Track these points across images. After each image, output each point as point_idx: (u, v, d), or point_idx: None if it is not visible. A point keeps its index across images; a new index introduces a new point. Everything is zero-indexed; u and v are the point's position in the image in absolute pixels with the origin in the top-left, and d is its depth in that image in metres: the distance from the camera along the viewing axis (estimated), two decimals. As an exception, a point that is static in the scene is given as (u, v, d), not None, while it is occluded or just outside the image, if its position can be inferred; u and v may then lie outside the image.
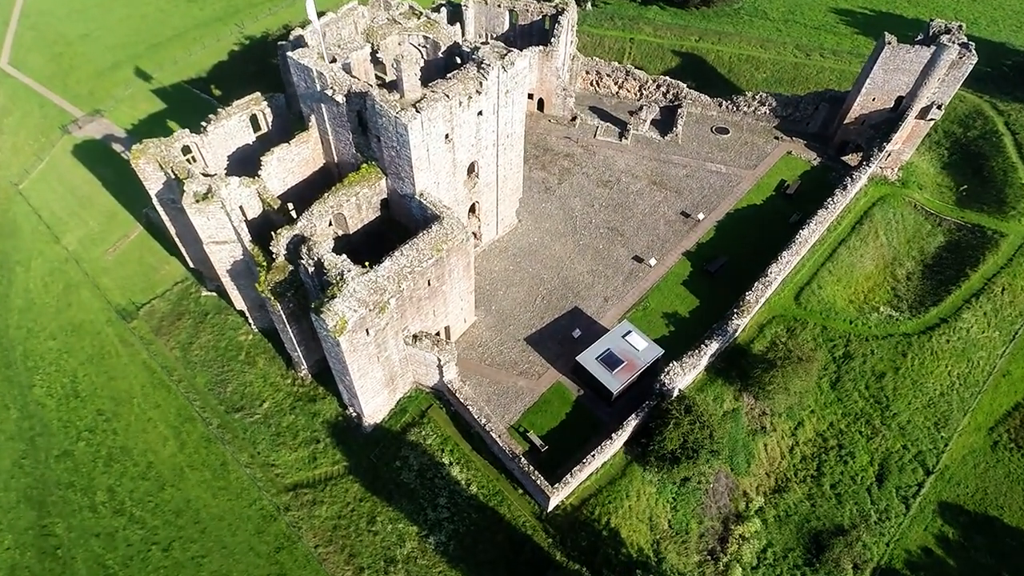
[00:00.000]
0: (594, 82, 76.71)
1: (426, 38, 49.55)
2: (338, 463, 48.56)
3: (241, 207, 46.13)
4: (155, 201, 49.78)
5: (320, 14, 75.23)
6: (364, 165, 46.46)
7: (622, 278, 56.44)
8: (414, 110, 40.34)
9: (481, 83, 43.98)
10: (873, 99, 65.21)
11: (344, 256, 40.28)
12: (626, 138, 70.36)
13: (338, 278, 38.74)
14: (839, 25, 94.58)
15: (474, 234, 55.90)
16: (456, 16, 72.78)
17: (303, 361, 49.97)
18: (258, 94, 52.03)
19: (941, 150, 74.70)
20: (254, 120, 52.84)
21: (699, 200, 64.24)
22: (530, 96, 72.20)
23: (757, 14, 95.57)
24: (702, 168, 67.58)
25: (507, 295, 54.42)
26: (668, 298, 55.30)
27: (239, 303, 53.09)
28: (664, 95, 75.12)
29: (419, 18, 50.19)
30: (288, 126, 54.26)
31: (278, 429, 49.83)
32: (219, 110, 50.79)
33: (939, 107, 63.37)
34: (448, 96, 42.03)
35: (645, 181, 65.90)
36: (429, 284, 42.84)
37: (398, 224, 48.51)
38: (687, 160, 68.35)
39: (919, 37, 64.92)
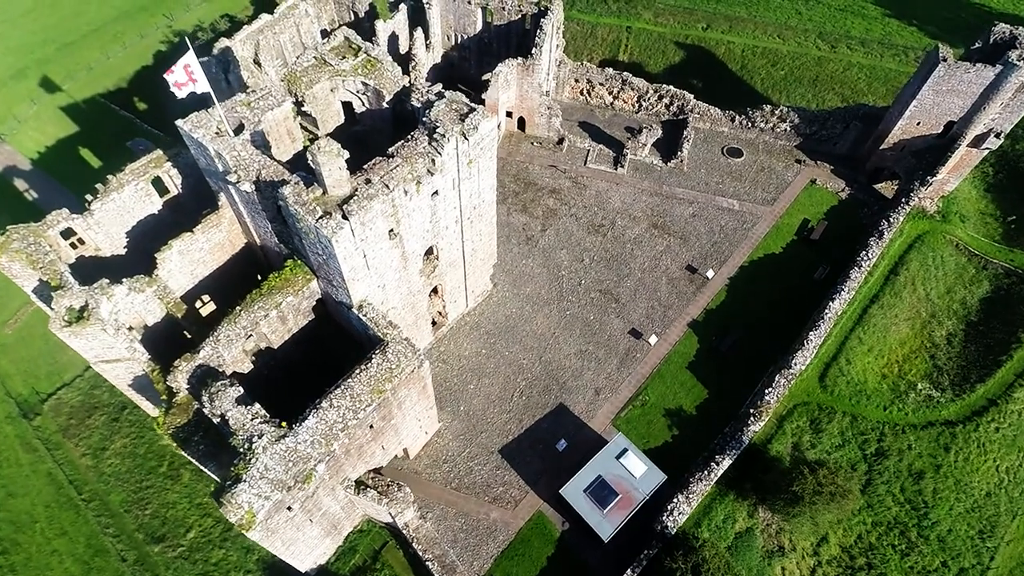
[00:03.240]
0: (585, 91, 65.13)
1: (365, 84, 38.42)
2: (278, 610, 40.88)
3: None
4: (33, 297, 39.79)
5: (250, 19, 62.38)
6: (289, 261, 36.41)
7: (616, 361, 47.35)
8: (340, 215, 30.14)
9: (434, 160, 33.52)
10: (918, 123, 54.49)
11: (255, 410, 30.97)
12: (622, 165, 59.65)
13: (245, 447, 29.63)
14: (866, 4, 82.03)
15: (434, 321, 46.36)
16: (418, 16, 60.55)
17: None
18: (159, 152, 41.14)
19: (984, 166, 64.35)
20: (158, 183, 42.21)
21: (708, 249, 54.37)
22: (509, 114, 60.95)
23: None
24: (711, 205, 57.31)
25: (479, 390, 45.39)
26: (671, 388, 46.42)
27: (153, 410, 44.00)
28: (667, 107, 63.83)
29: (356, 55, 38.82)
30: (204, 186, 43.64)
31: (205, 567, 41.70)
32: (109, 178, 40.08)
33: (998, 135, 52.88)
34: (389, 187, 31.70)
35: (644, 224, 55.75)
36: (372, 427, 33.76)
37: (340, 327, 38.94)
38: (694, 194, 57.97)
39: (976, 45, 53.63)
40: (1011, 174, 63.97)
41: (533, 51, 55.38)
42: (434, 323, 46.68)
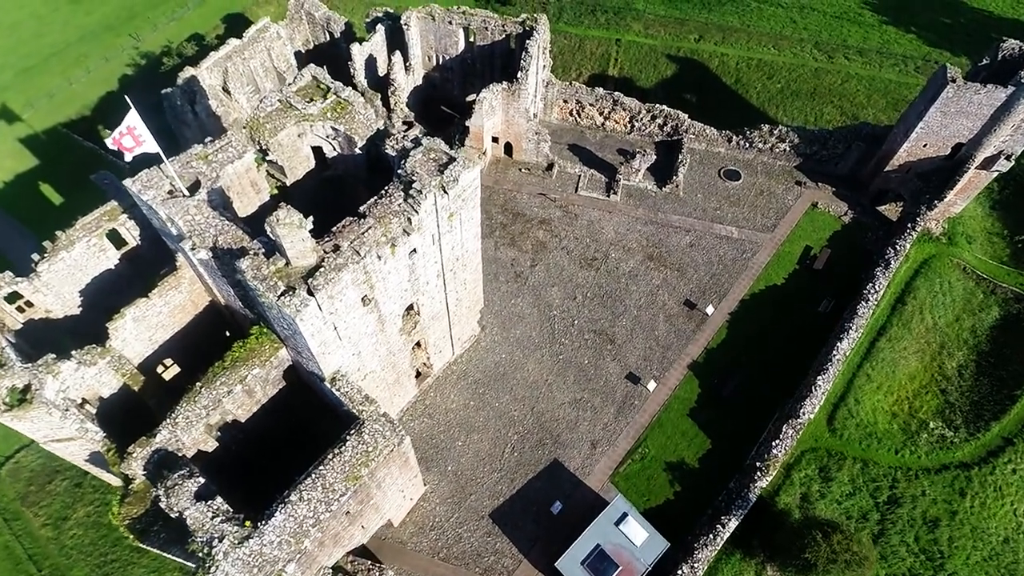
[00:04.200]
0: (574, 111, 62.08)
1: (335, 129, 35.23)
2: None
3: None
4: None
5: (219, 41, 58.16)
6: (255, 328, 33.30)
7: (613, 409, 44.58)
8: (305, 290, 27.08)
9: (411, 219, 30.48)
10: (925, 145, 51.86)
11: (217, 505, 27.93)
12: (615, 191, 56.73)
13: (204, 551, 26.62)
14: (863, 11, 79.35)
15: (418, 372, 43.38)
16: (397, 37, 57.31)
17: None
18: (114, 204, 37.80)
19: (990, 183, 61.88)
20: (115, 235, 38.92)
21: (706, 281, 51.61)
22: (495, 140, 57.89)
23: (768, 0, 79.64)
24: (709, 233, 54.52)
25: (467, 446, 42.48)
26: (671, 439, 43.70)
27: (115, 480, 40.78)
28: (660, 128, 60.90)
29: (325, 97, 35.60)
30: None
31: (176, 650, 38.79)
32: (58, 234, 36.76)
33: (1008, 157, 50.33)
34: (360, 253, 28.65)
35: (640, 256, 52.89)
36: (349, 513, 30.81)
37: (314, 392, 35.88)
38: (690, 221, 55.15)
39: (984, 62, 50.98)
40: (1018, 190, 61.63)
41: (519, 75, 52.26)
42: (418, 374, 43.74)
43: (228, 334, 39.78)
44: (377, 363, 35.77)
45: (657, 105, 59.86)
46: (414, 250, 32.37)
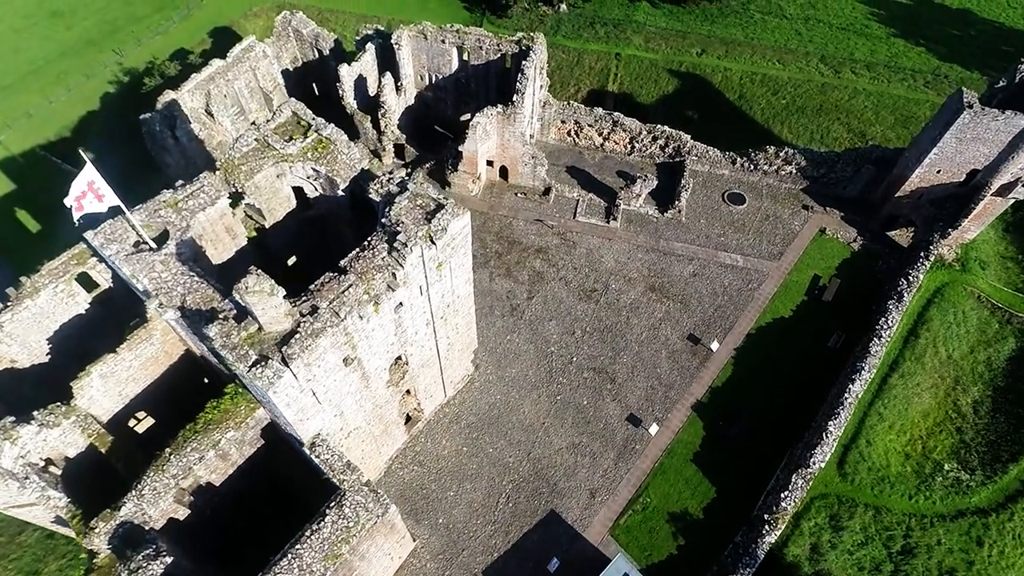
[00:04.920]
0: (572, 132, 59.80)
1: (316, 171, 32.96)
2: None
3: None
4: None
5: (203, 61, 55.42)
6: (230, 387, 31.09)
7: (613, 454, 42.43)
8: (279, 360, 24.88)
9: (396, 274, 28.27)
10: (938, 171, 49.66)
11: (185, 591, 25.80)
12: (615, 217, 54.50)
13: (171, 646, 24.50)
14: (871, 23, 77.17)
15: (409, 416, 41.21)
16: (388, 55, 55.00)
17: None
18: (82, 247, 35.51)
19: (1004, 205, 59.73)
20: (86, 278, 36.67)
21: (711, 314, 49.44)
22: (490, 163, 55.65)
23: (771, 11, 77.62)
24: (713, 261, 52.33)
25: (460, 496, 40.31)
26: (674, 487, 41.55)
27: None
28: (662, 149, 58.64)
29: (306, 135, 33.32)
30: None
31: None
32: (22, 280, 34.52)
33: (1026, 185, 48.19)
34: (340, 315, 26.44)
35: (641, 286, 50.70)
36: (330, 589, 28.65)
37: (294, 451, 33.67)
38: (694, 249, 52.95)
39: (1000, 84, 48.78)
40: (1031, 211, 59.54)
41: (514, 98, 49.98)
42: (409, 419, 41.57)
43: (207, 380, 37.65)
44: (362, 419, 33.60)
45: (658, 126, 57.56)
46: (400, 304, 30.19)
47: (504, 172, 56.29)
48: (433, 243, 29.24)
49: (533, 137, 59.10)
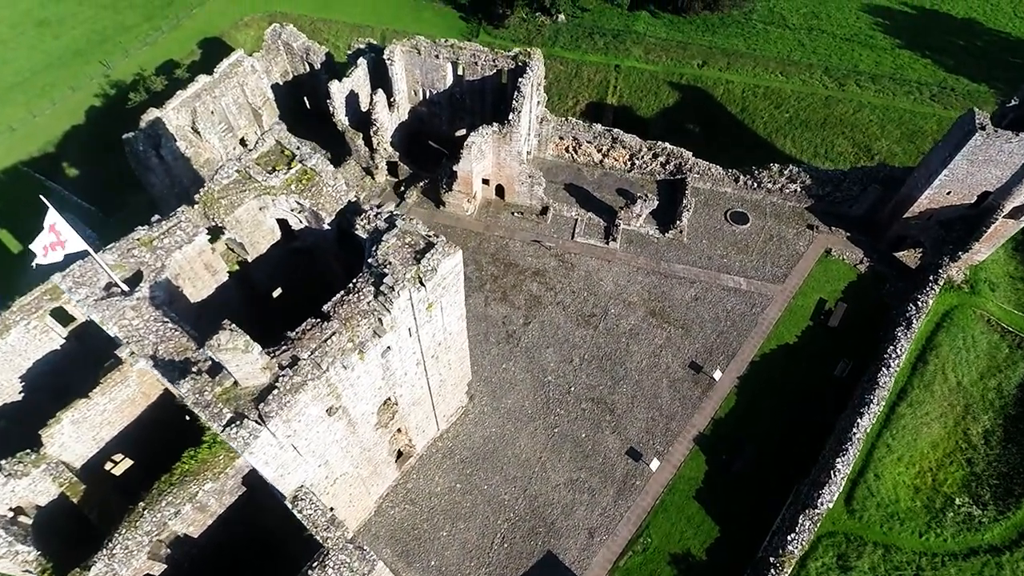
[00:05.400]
0: (571, 148, 58.17)
1: (300, 204, 31.33)
2: None
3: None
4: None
5: (188, 78, 53.27)
6: (208, 434, 29.43)
7: (613, 491, 40.85)
8: (256, 417, 23.26)
9: (382, 320, 26.65)
10: (948, 193, 48.11)
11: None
12: (614, 238, 52.89)
13: None
14: (875, 33, 75.55)
15: (400, 452, 39.58)
16: (380, 70, 53.39)
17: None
18: (55, 280, 33.78)
19: (1014, 223, 58.14)
20: (61, 314, 35.07)
21: (713, 340, 47.85)
22: (485, 182, 54.05)
23: (774, 21, 75.99)
24: (715, 284, 50.75)
25: (453, 537, 38.71)
26: (676, 526, 39.97)
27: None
28: (663, 166, 57.04)
29: (290, 166, 31.68)
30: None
31: None
32: (-7, 315, 32.94)
33: (1039, 208, 46.63)
34: (321, 366, 24.82)
35: (641, 311, 49.11)
36: (312, 654, 27.06)
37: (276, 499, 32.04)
38: (695, 271, 51.36)
39: (1012, 103, 47.20)
40: (1042, 230, 57.92)
41: (510, 116, 48.36)
42: (400, 454, 39.95)
43: (188, 418, 36.02)
44: (349, 464, 32.01)
45: (659, 143, 55.95)
46: (388, 348, 28.58)
47: (500, 191, 54.66)
48: (422, 285, 27.63)
49: (530, 153, 57.53)
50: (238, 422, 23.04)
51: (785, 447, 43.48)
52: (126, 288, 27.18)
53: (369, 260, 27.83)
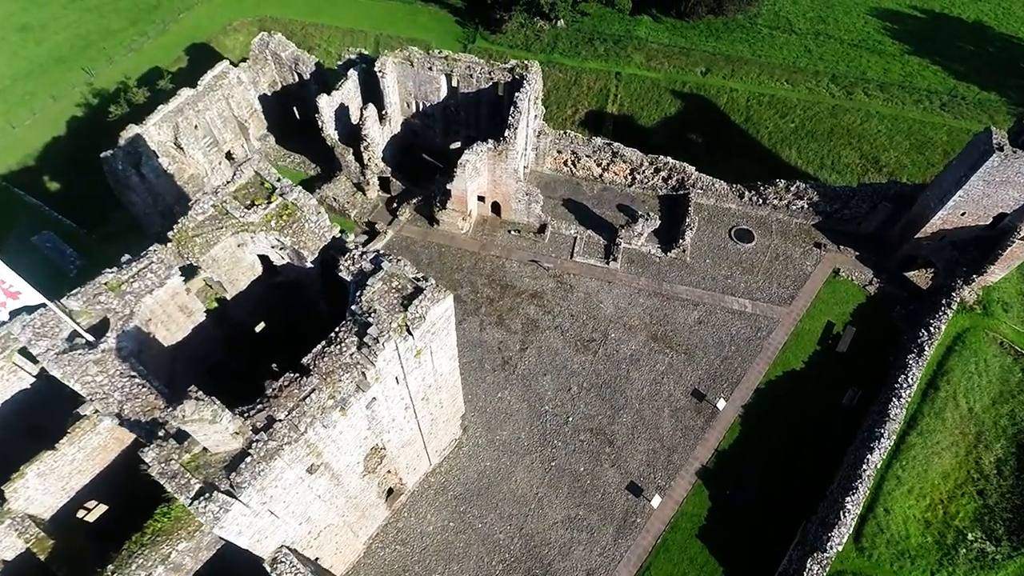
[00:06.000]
0: (569, 162, 56.18)
1: (280, 242, 29.43)
2: None
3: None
4: None
5: (171, 89, 50.79)
6: (182, 489, 27.65)
7: (612, 529, 39.21)
8: (226, 488, 21.48)
9: (366, 373, 24.83)
10: (963, 214, 46.24)
11: None
12: (615, 258, 51.02)
13: None
14: (884, 38, 73.36)
15: (391, 490, 37.88)
16: (371, 82, 51.33)
17: None
18: (14, 332, 31.86)
19: (1025, 237, 56.23)
20: (28, 353, 33.19)
21: (717, 366, 46.11)
22: (481, 199, 52.12)
23: (780, 25, 73.76)
24: (719, 307, 48.93)
25: (446, 580, 37.17)
26: (679, 567, 38.38)
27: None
28: (664, 181, 55.09)
29: (269, 201, 29.75)
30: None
31: None
32: (-44, 358, 31.03)
33: (1057, 230, 44.74)
34: (298, 428, 23.02)
35: (642, 335, 47.32)
36: None
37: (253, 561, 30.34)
38: (699, 293, 49.55)
39: (1031, 120, 45.24)
40: (1055, 246, 55.99)
41: (506, 133, 46.36)
42: (391, 491, 38.26)
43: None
44: (335, 515, 30.31)
45: (661, 157, 53.97)
46: (373, 399, 26.79)
47: (496, 207, 52.72)
48: (410, 334, 25.80)
49: (528, 167, 55.58)
50: (207, 494, 21.26)
51: (791, 479, 41.84)
52: (91, 338, 25.33)
53: (352, 307, 25.97)
